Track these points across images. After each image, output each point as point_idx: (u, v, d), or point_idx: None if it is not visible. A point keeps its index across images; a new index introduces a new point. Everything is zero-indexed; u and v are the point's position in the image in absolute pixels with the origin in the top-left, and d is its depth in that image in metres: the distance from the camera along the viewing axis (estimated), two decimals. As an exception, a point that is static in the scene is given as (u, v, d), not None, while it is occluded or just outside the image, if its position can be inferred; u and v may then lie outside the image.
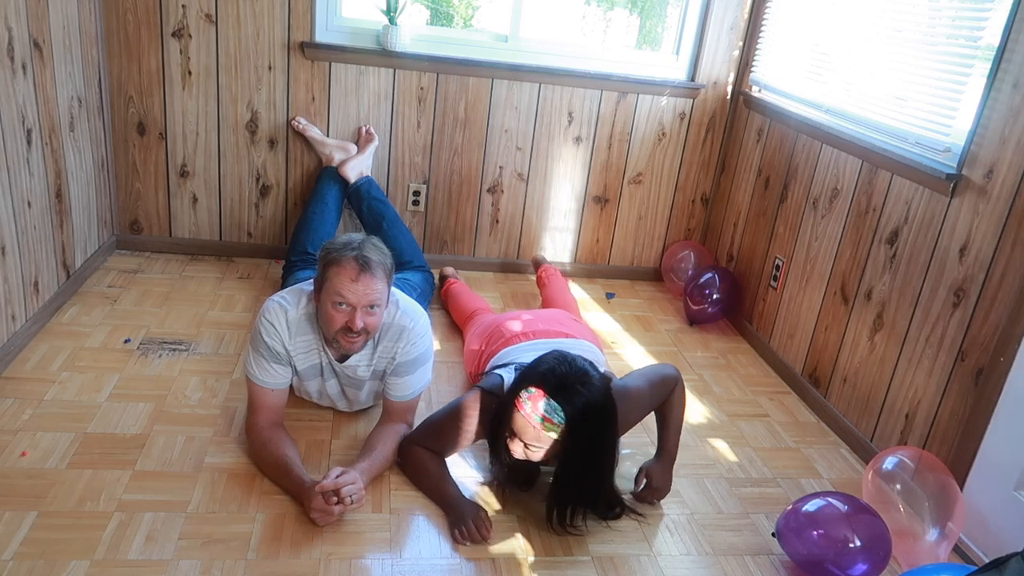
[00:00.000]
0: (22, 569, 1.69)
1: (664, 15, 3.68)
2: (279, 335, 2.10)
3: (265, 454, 2.08)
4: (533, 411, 1.84)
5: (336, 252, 2.02)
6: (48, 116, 2.66)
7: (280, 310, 2.11)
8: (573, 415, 1.84)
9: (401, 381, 2.20)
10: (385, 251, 2.09)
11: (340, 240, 2.07)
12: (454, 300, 3.12)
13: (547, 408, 1.83)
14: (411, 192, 3.52)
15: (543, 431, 1.85)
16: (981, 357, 2.15)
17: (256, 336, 2.11)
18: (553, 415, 1.83)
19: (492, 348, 2.47)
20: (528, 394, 1.86)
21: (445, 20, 3.75)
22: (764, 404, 2.85)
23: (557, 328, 2.49)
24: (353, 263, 1.98)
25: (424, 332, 2.21)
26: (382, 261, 2.04)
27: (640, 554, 2.00)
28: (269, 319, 2.10)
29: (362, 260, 1.99)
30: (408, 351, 2.17)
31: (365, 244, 2.04)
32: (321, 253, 2.07)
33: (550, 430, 1.84)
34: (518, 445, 1.91)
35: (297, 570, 1.79)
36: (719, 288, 3.34)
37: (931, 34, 2.45)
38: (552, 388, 1.84)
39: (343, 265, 1.99)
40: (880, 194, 2.58)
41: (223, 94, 3.24)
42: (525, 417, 1.85)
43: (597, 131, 3.56)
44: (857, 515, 1.93)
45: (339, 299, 1.99)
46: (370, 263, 2.00)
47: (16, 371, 2.42)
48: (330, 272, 2.00)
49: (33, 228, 2.59)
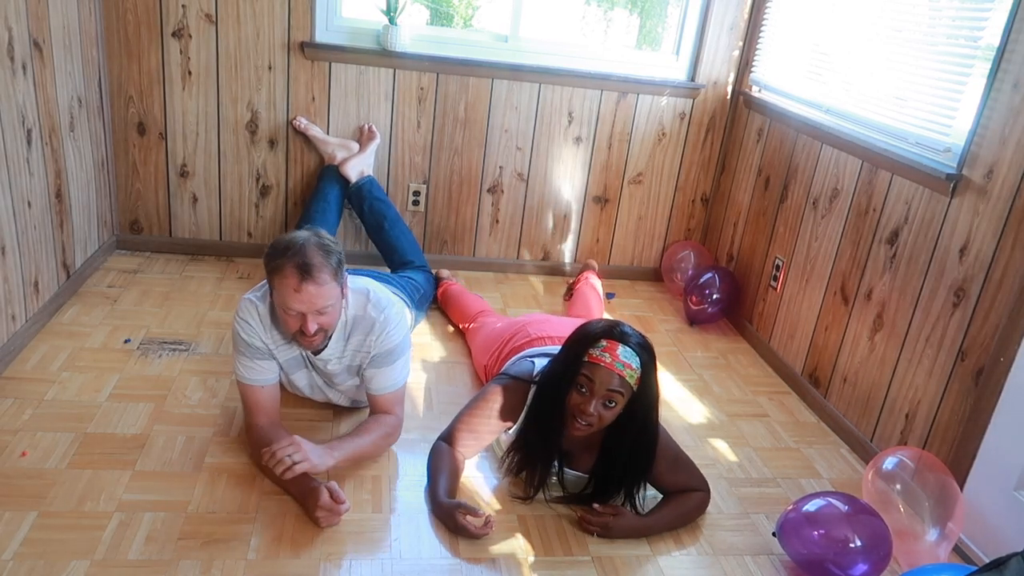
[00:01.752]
0: (22, 569, 1.69)
1: (664, 15, 3.68)
2: (255, 330, 2.09)
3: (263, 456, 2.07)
4: (614, 359, 1.87)
5: (277, 259, 1.93)
6: (48, 116, 2.66)
7: (251, 305, 2.09)
8: (646, 359, 1.91)
9: (379, 372, 2.17)
10: (330, 246, 1.98)
11: (281, 243, 1.96)
12: (454, 301, 3.12)
13: (625, 354, 1.87)
14: (411, 192, 3.52)
15: (625, 376, 1.88)
16: (981, 357, 2.14)
17: (235, 336, 2.11)
18: (632, 359, 1.88)
19: (516, 344, 2.45)
20: (602, 347, 1.88)
21: (445, 20, 3.75)
22: (764, 404, 2.85)
23: None
24: (294, 272, 1.90)
25: (398, 322, 2.17)
26: (325, 262, 1.94)
27: (640, 554, 2.00)
28: (243, 316, 2.09)
29: (303, 268, 1.90)
30: (383, 342, 2.14)
31: (306, 247, 1.93)
32: (264, 258, 1.99)
33: (631, 377, 1.88)
34: (592, 405, 1.89)
35: (297, 570, 1.79)
36: (719, 288, 3.34)
37: (931, 34, 2.45)
38: (621, 337, 1.89)
39: (284, 274, 1.91)
40: (880, 194, 2.58)
41: (223, 94, 3.24)
42: (608, 367, 1.86)
43: (597, 131, 3.56)
44: (857, 515, 1.93)
45: (287, 307, 1.95)
46: (311, 269, 1.90)
47: (16, 371, 2.42)
48: (274, 281, 1.95)
49: (33, 228, 2.59)
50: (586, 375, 1.89)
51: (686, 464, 2.14)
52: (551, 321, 2.60)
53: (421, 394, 2.60)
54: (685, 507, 2.11)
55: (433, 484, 2.05)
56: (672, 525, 2.08)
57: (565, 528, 2.04)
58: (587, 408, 1.89)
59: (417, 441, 2.33)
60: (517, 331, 2.54)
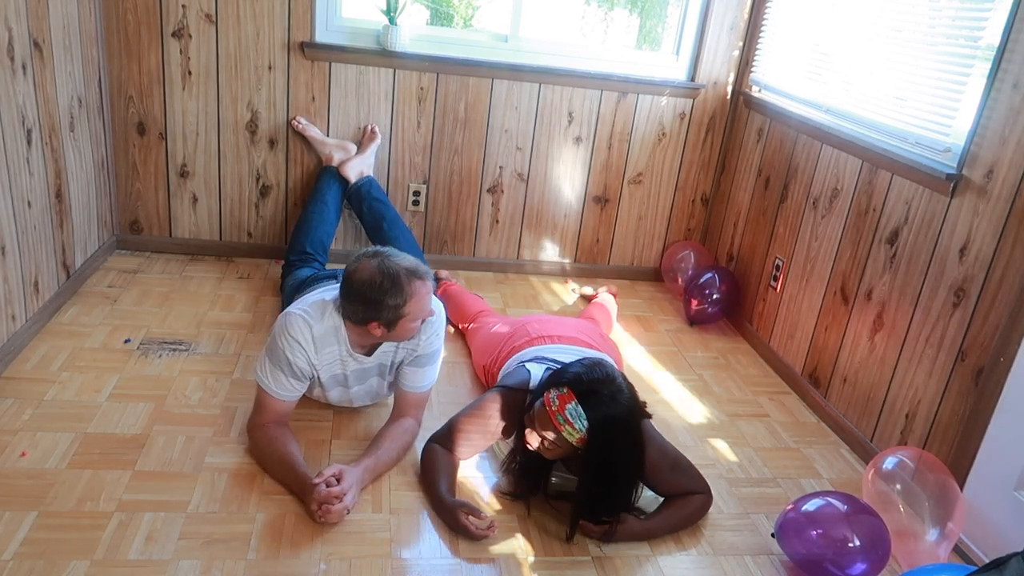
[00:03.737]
0: (22, 569, 1.69)
1: (664, 15, 3.68)
2: (304, 353, 2.08)
3: (270, 451, 2.08)
4: (558, 410, 1.86)
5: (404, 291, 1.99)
6: (48, 116, 2.66)
7: (305, 326, 2.07)
8: (595, 425, 1.85)
9: (420, 371, 2.23)
10: (392, 250, 2.10)
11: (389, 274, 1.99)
12: (454, 301, 3.12)
13: (572, 411, 1.85)
14: (411, 192, 3.52)
15: (563, 432, 1.86)
16: (981, 357, 2.14)
17: (277, 351, 2.08)
18: (576, 420, 1.85)
19: (516, 344, 2.46)
20: (558, 392, 1.87)
21: (445, 20, 3.75)
22: (764, 404, 2.85)
23: (582, 338, 2.48)
24: (422, 283, 2.03)
25: (443, 323, 2.28)
26: (417, 260, 2.09)
27: (640, 554, 2.00)
28: (294, 336, 2.06)
29: (421, 274, 2.04)
30: (432, 342, 2.22)
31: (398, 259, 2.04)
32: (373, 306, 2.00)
33: (570, 434, 1.86)
34: (535, 438, 1.92)
35: (297, 570, 1.79)
36: (719, 288, 3.34)
37: (931, 34, 2.45)
38: (581, 392, 1.86)
39: (419, 292, 2.03)
40: (880, 194, 2.58)
41: (223, 94, 3.24)
42: (549, 413, 1.87)
43: (597, 131, 3.56)
44: (856, 515, 1.93)
45: (422, 315, 2.07)
46: (422, 270, 2.06)
47: (16, 371, 2.42)
48: (408, 308, 2.02)
49: (33, 228, 2.59)
50: (534, 415, 1.92)
51: (685, 468, 2.13)
52: (551, 321, 2.60)
53: (421, 394, 2.60)
54: (686, 510, 2.10)
55: (433, 483, 2.06)
56: (674, 528, 2.08)
57: (565, 528, 2.04)
58: (528, 438, 1.95)
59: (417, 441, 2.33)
60: (516, 330, 2.54)
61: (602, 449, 1.88)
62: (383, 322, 2.04)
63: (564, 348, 2.38)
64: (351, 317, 2.07)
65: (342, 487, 1.92)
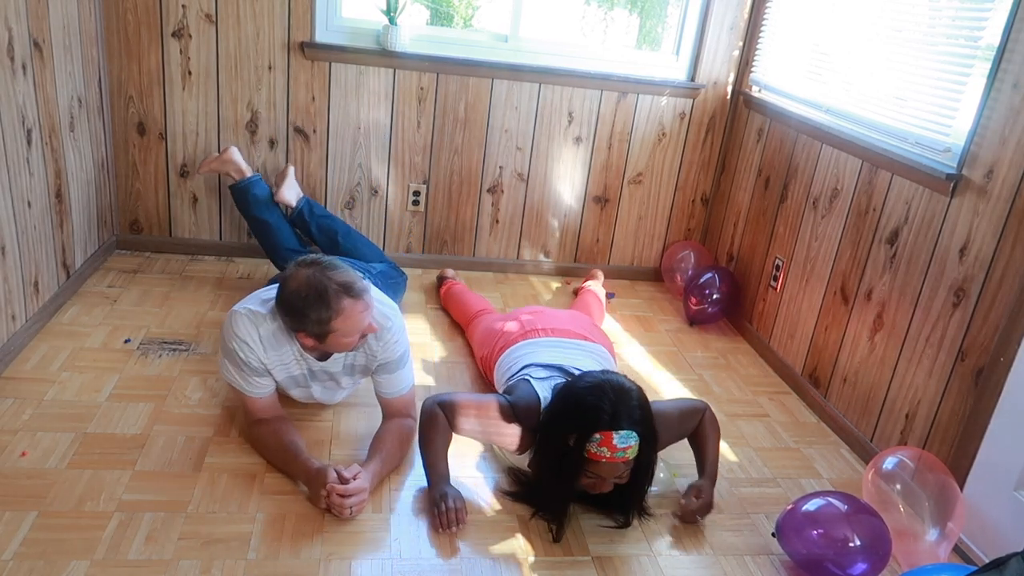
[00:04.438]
0: (22, 569, 1.69)
1: (664, 15, 3.68)
2: (254, 352, 2.04)
3: (271, 442, 2.10)
4: (613, 453, 1.86)
5: (328, 306, 1.92)
6: (48, 116, 2.66)
7: (251, 326, 2.03)
8: (642, 429, 1.89)
9: (393, 377, 2.20)
10: (333, 260, 2.02)
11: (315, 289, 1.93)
12: (455, 301, 3.12)
13: (621, 441, 1.86)
14: (411, 192, 3.52)
15: (629, 460, 1.89)
16: (981, 357, 2.14)
17: (231, 353, 2.06)
18: (629, 441, 1.87)
19: (508, 338, 2.47)
20: (596, 442, 1.86)
21: (445, 20, 3.75)
22: (764, 404, 2.85)
23: (577, 330, 2.49)
24: (354, 300, 1.95)
25: (403, 327, 2.20)
26: (353, 271, 2.00)
27: (640, 554, 2.00)
28: (241, 336, 2.03)
29: (356, 291, 1.96)
30: (393, 348, 2.16)
31: (334, 275, 1.95)
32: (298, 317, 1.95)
33: (633, 452, 1.89)
34: (607, 485, 1.95)
35: (297, 570, 1.79)
36: (719, 288, 3.34)
37: (931, 34, 2.45)
38: (612, 423, 1.86)
39: (349, 310, 1.94)
40: (880, 194, 2.58)
41: (223, 94, 3.24)
42: (610, 463, 1.88)
43: (597, 131, 3.56)
44: (857, 515, 1.93)
45: (356, 333, 1.99)
46: (359, 287, 1.97)
47: (16, 371, 2.42)
48: (335, 324, 1.95)
49: (33, 228, 2.59)
50: (591, 472, 1.92)
51: (683, 410, 2.21)
52: (545, 313, 2.61)
53: (421, 394, 2.60)
54: (712, 439, 2.22)
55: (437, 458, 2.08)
56: (717, 456, 2.24)
57: (565, 528, 2.04)
58: (601, 487, 1.96)
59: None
60: (510, 322, 2.56)
61: (650, 439, 1.94)
62: (310, 334, 1.98)
63: (556, 342, 2.40)
64: (284, 323, 2.03)
65: (356, 485, 1.93)
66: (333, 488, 1.92)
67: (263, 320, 2.05)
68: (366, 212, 3.52)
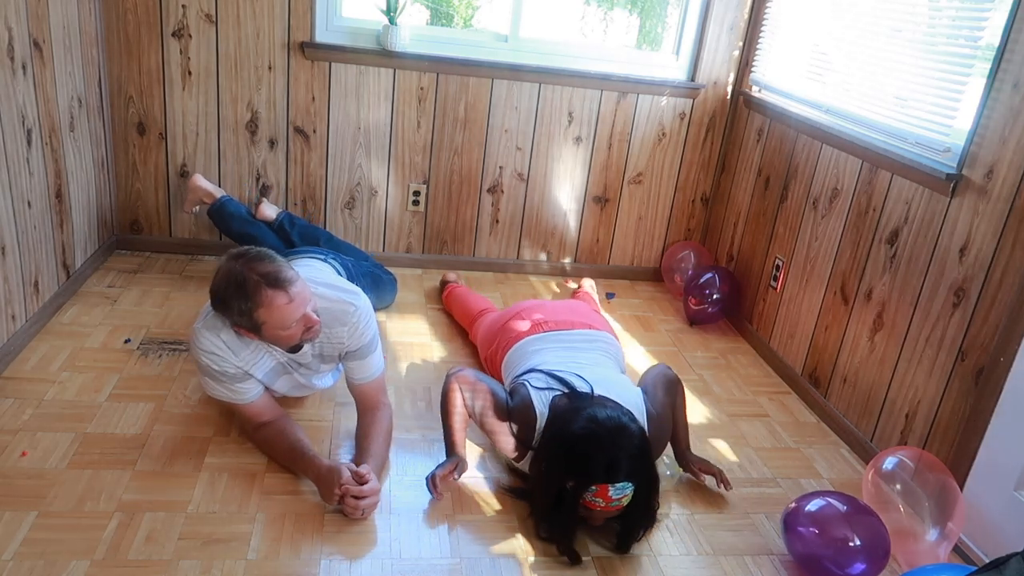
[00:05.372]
0: (22, 569, 1.69)
1: (664, 15, 3.68)
2: (225, 359, 2.03)
3: (277, 443, 2.10)
4: (607, 503, 1.86)
5: (249, 297, 1.88)
6: (48, 116, 2.66)
7: (212, 335, 2.01)
8: (638, 478, 1.88)
9: (364, 363, 2.18)
10: (263, 251, 1.97)
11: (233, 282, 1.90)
12: (458, 303, 3.12)
13: (616, 493, 1.85)
14: (411, 192, 3.52)
15: (624, 507, 1.89)
16: (981, 357, 2.14)
17: (206, 369, 2.04)
18: (624, 491, 1.86)
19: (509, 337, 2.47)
20: (592, 492, 1.85)
21: (445, 20, 3.75)
22: (764, 404, 2.85)
23: (579, 319, 2.51)
24: (276, 291, 1.89)
25: (369, 311, 2.17)
26: (281, 263, 1.95)
27: (640, 554, 2.00)
28: (207, 350, 2.01)
29: (279, 282, 1.90)
30: (362, 333, 2.14)
31: (258, 266, 1.91)
32: (226, 306, 1.93)
33: (627, 500, 1.88)
34: (599, 520, 1.96)
35: (297, 570, 1.79)
36: (719, 288, 3.34)
37: (931, 34, 2.45)
38: (608, 475, 1.84)
39: (271, 300, 1.89)
40: (880, 194, 2.58)
41: (223, 94, 3.24)
42: (603, 510, 1.89)
43: (597, 131, 3.56)
44: (857, 515, 1.93)
45: (287, 325, 1.93)
46: (282, 276, 1.91)
47: (16, 371, 2.42)
48: (261, 315, 1.90)
49: (33, 228, 2.59)
50: (584, 514, 1.92)
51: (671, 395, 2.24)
52: (545, 306, 2.61)
53: (421, 394, 2.60)
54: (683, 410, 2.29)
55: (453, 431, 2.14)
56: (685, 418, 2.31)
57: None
58: (592, 522, 1.97)
59: (417, 441, 2.33)
60: (512, 318, 2.56)
61: (645, 480, 1.92)
62: (244, 327, 1.96)
63: (559, 335, 2.40)
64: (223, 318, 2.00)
65: (371, 486, 1.94)
66: (348, 489, 1.92)
67: (221, 326, 2.03)
68: (366, 212, 3.52)
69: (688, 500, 2.23)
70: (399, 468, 2.19)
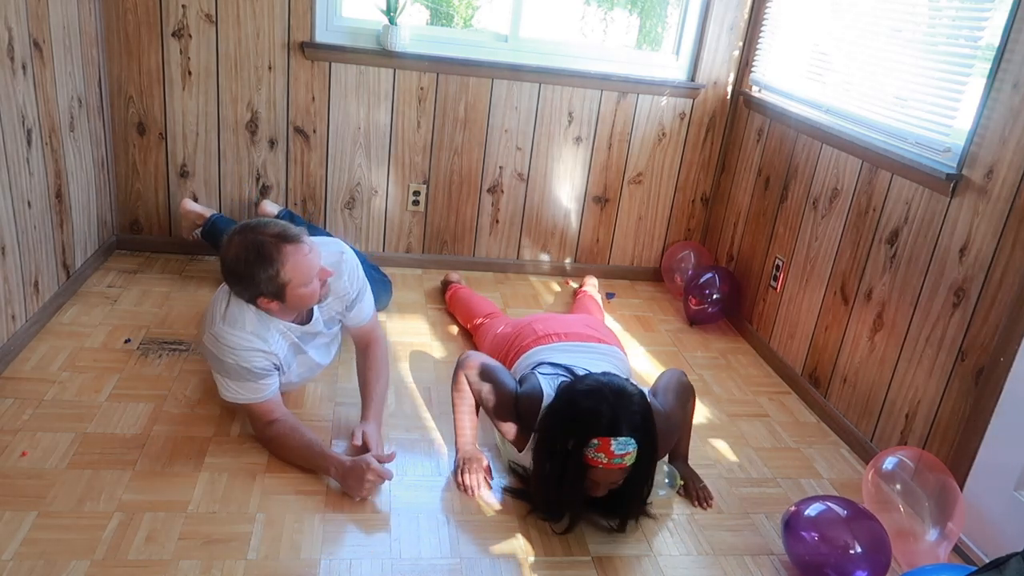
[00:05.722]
0: (22, 569, 1.69)
1: (664, 15, 3.68)
2: (255, 351, 2.05)
3: (290, 440, 2.11)
4: (610, 459, 1.83)
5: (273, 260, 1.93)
6: (48, 116, 2.66)
7: (236, 331, 2.03)
8: (640, 436, 1.87)
9: (358, 308, 2.29)
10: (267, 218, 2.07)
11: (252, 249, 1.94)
12: (461, 305, 3.11)
13: (619, 448, 1.83)
14: (411, 192, 3.52)
15: (626, 467, 1.87)
16: (981, 357, 2.14)
17: (231, 369, 2.05)
18: (627, 448, 1.84)
19: (523, 344, 2.45)
20: (594, 447, 1.83)
21: (445, 20, 3.75)
22: (764, 404, 2.85)
23: (589, 332, 2.48)
24: (294, 247, 1.95)
25: (352, 255, 2.26)
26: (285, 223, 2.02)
27: (640, 554, 2.00)
28: (236, 346, 2.03)
29: (291, 237, 1.97)
30: (357, 275, 2.26)
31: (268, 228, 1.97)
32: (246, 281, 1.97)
33: (630, 460, 1.86)
34: (602, 489, 1.93)
35: (297, 570, 1.79)
36: (719, 288, 3.34)
37: (931, 34, 2.45)
38: (611, 428, 1.83)
39: (293, 258, 1.94)
40: (880, 194, 2.58)
41: (223, 94, 3.24)
42: (605, 469, 1.85)
43: (597, 131, 3.56)
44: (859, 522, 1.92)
45: (310, 280, 1.99)
46: (293, 232, 1.98)
47: (16, 371, 2.42)
48: (285, 275, 1.95)
49: (33, 228, 2.59)
50: (587, 473, 1.89)
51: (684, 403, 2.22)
52: (555, 319, 2.60)
53: (421, 394, 2.60)
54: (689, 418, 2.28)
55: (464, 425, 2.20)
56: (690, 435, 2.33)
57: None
58: (595, 492, 1.94)
59: (417, 441, 2.33)
60: (522, 330, 2.54)
61: (648, 444, 1.92)
62: (268, 295, 1.99)
63: (571, 346, 2.39)
64: (242, 298, 2.04)
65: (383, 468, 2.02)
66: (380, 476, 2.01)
67: (237, 315, 2.05)
68: (366, 212, 3.52)
69: (688, 500, 2.23)
70: (399, 468, 2.19)
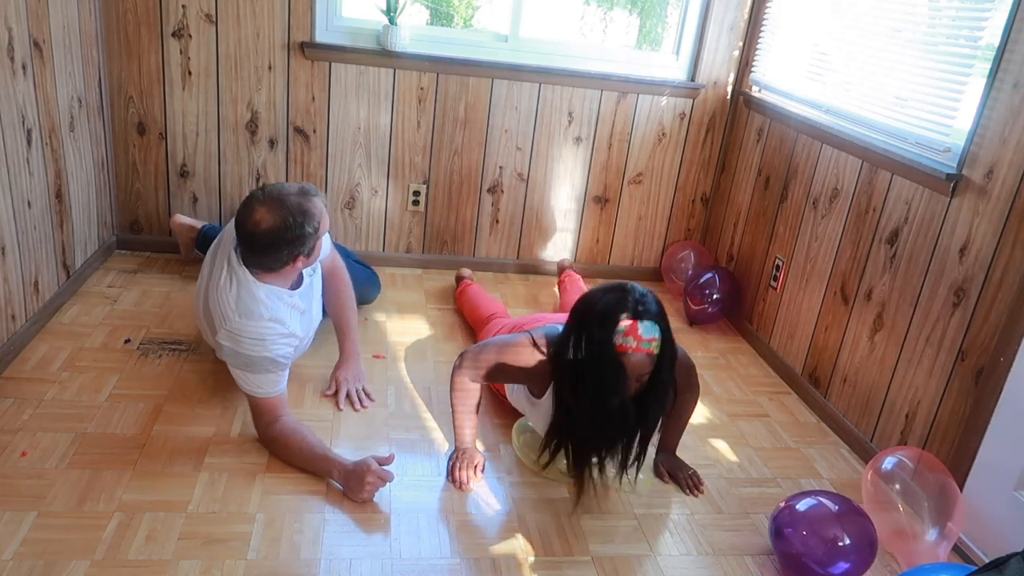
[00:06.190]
0: (22, 569, 1.69)
1: (664, 15, 3.68)
2: (282, 334, 2.11)
3: (294, 442, 2.12)
4: (639, 343, 1.83)
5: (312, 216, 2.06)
6: (48, 116, 2.66)
7: (254, 321, 2.08)
8: (664, 326, 1.88)
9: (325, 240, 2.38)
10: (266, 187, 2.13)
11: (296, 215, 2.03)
12: (470, 302, 3.11)
13: (646, 332, 1.84)
14: (411, 192, 3.52)
15: (655, 352, 1.86)
16: (981, 357, 2.14)
17: (253, 363, 2.08)
18: (654, 333, 1.85)
19: None
20: (622, 332, 1.82)
21: (445, 20, 3.75)
22: (764, 404, 2.85)
23: None
24: (318, 197, 2.11)
25: None
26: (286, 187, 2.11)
27: (640, 554, 2.00)
28: (259, 335, 2.08)
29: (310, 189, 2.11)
30: None
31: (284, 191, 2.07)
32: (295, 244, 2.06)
33: (656, 347, 1.86)
34: (633, 384, 1.90)
35: (297, 570, 1.79)
36: (719, 288, 3.34)
37: (931, 34, 2.45)
38: (636, 311, 1.84)
39: (322, 207, 2.11)
40: (880, 194, 2.58)
41: (223, 94, 3.24)
42: (636, 353, 1.83)
43: (597, 131, 3.56)
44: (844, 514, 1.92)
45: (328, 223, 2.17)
46: (307, 186, 2.12)
47: (16, 371, 2.42)
48: (323, 226, 2.11)
49: (33, 228, 2.59)
50: (622, 363, 1.86)
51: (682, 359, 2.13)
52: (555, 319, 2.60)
53: (421, 394, 2.60)
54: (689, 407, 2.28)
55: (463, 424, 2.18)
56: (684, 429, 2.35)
57: (565, 528, 2.04)
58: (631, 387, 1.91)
59: (417, 441, 2.33)
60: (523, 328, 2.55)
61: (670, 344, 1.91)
62: (305, 253, 2.11)
63: None
64: (273, 267, 2.09)
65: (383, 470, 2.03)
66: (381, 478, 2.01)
67: (250, 305, 2.09)
68: (366, 212, 3.52)
69: (688, 500, 2.23)
70: (399, 468, 2.19)
